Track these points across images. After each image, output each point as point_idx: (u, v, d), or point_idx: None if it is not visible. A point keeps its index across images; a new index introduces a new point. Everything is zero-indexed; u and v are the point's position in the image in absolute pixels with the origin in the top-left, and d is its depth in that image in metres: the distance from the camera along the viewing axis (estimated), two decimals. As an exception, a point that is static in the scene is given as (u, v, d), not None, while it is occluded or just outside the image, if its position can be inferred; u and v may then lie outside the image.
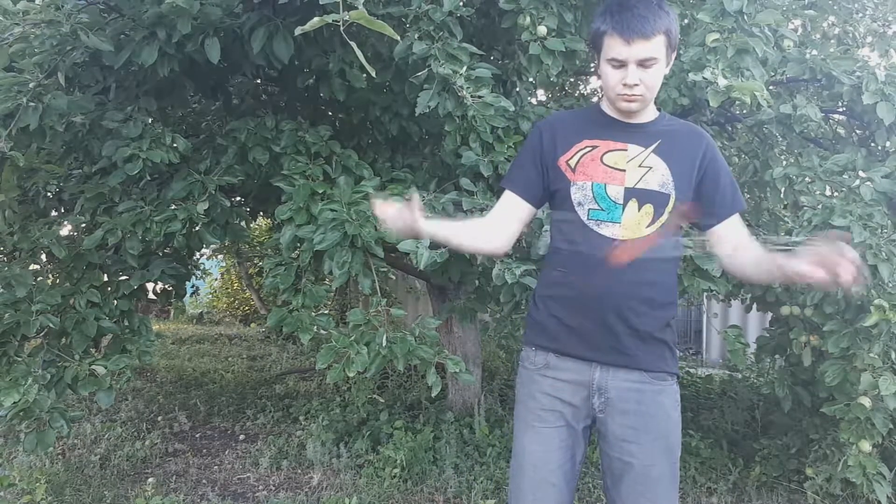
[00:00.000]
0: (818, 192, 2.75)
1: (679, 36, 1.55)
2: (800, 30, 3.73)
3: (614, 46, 1.46)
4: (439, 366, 2.50)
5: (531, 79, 3.44)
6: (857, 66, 2.81)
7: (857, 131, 3.35)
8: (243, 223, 3.33)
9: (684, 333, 7.66)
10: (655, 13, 1.45)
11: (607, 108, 1.61)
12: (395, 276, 6.46)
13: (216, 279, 10.43)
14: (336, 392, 4.92)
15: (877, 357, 2.55)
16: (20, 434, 2.61)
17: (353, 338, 2.44)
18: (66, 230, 3.19)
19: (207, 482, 3.48)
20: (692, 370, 5.71)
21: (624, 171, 1.53)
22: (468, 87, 2.40)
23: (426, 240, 2.45)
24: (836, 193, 2.79)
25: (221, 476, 3.58)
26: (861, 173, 2.69)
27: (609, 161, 1.54)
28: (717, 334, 6.45)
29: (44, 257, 3.10)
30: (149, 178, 3.00)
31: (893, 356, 2.60)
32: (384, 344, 2.40)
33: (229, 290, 10.37)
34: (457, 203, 2.74)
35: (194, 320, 10.06)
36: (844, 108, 3.09)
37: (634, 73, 1.46)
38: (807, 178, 2.81)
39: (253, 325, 9.39)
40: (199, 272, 7.32)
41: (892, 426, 2.60)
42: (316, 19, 1.23)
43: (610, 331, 1.51)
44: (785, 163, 3.12)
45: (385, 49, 2.92)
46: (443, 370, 2.54)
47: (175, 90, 3.11)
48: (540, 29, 2.56)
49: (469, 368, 3.25)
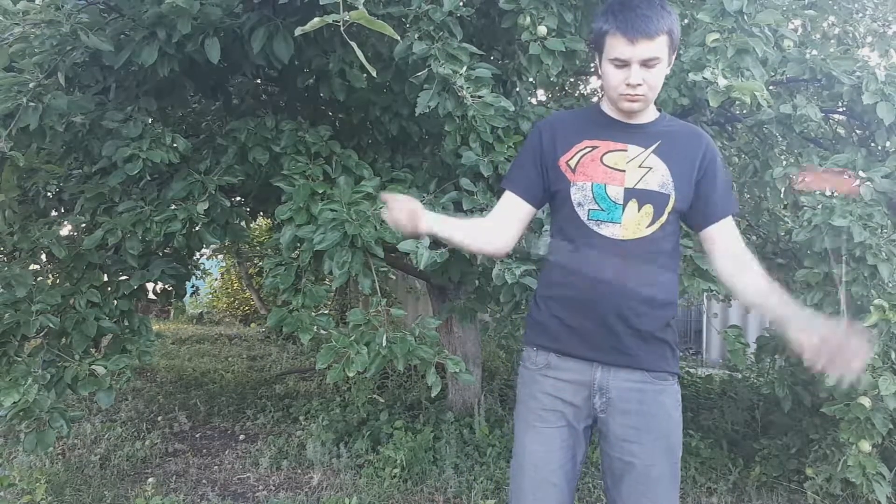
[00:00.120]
0: (818, 192, 2.75)
1: (680, 36, 1.55)
2: (800, 30, 3.73)
3: (617, 46, 1.45)
4: (439, 366, 2.50)
5: (531, 79, 3.44)
6: (857, 66, 2.81)
7: (857, 131, 3.35)
8: (243, 223, 3.33)
9: (684, 333, 7.66)
10: (658, 13, 1.44)
11: (608, 109, 1.60)
12: (395, 276, 6.47)
13: (216, 279, 10.43)
14: (336, 392, 4.92)
15: (877, 357, 2.55)
16: (20, 434, 2.60)
17: (353, 338, 2.44)
18: (66, 230, 3.19)
19: (207, 482, 3.48)
20: (692, 370, 5.72)
21: (624, 171, 1.53)
22: (468, 87, 2.40)
23: (426, 240, 2.46)
24: (836, 193, 2.79)
25: (221, 476, 3.58)
26: (861, 173, 2.69)
27: (609, 161, 1.54)
28: (717, 334, 6.46)
29: (44, 257, 3.10)
30: (149, 178, 3.00)
31: (893, 356, 2.60)
32: (384, 344, 2.40)
33: (229, 290, 10.38)
34: (457, 203, 2.74)
35: (194, 320, 10.07)
36: (844, 108, 3.09)
37: (638, 73, 1.46)
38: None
39: (253, 325, 9.39)
40: (199, 272, 7.32)
41: (891, 426, 2.60)
42: (316, 20, 1.23)
43: (611, 331, 1.51)
44: (785, 163, 3.12)
45: (385, 49, 2.92)
46: (443, 370, 2.54)
47: (175, 90, 3.11)
48: (540, 29, 2.56)
49: (469, 368, 3.25)
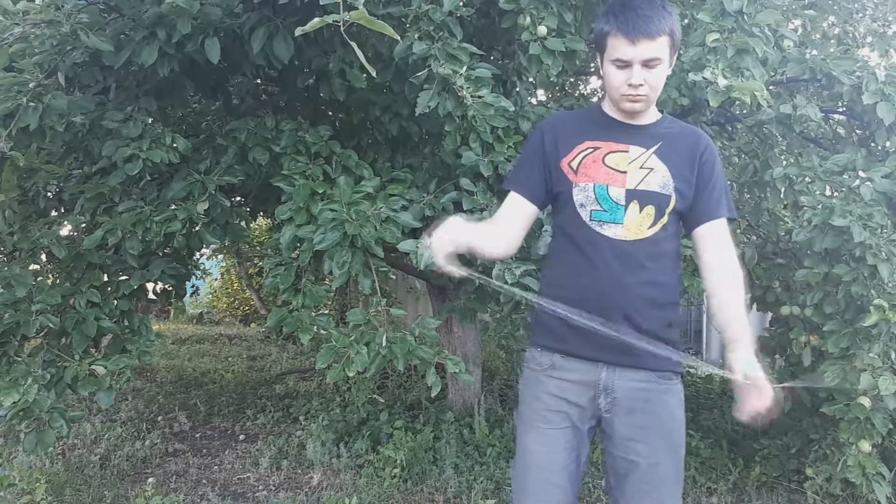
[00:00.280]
0: (818, 192, 2.75)
1: (681, 36, 1.55)
2: (800, 30, 3.73)
3: (619, 47, 1.46)
4: (439, 366, 2.50)
5: (531, 79, 3.44)
6: (857, 66, 2.81)
7: (857, 131, 3.35)
8: (243, 223, 3.33)
9: (684, 333, 7.66)
10: (659, 13, 1.45)
11: (609, 109, 1.60)
12: (395, 276, 6.46)
13: (216, 279, 10.44)
14: (336, 392, 4.92)
15: (877, 357, 2.55)
16: (20, 434, 2.61)
17: (353, 338, 2.44)
18: (66, 230, 3.19)
19: (207, 482, 3.48)
20: (692, 370, 5.71)
21: (625, 172, 1.53)
22: (468, 87, 2.40)
23: (426, 239, 2.45)
24: (836, 193, 2.79)
25: (221, 476, 3.58)
26: (861, 173, 2.69)
27: (610, 162, 1.54)
28: (718, 334, 6.46)
29: (44, 257, 3.10)
30: (149, 178, 3.00)
31: (893, 356, 2.60)
32: (384, 344, 2.40)
33: (229, 290, 10.38)
34: (457, 203, 2.74)
35: (194, 320, 10.07)
36: (844, 108, 3.09)
37: (639, 73, 1.46)
38: (807, 178, 2.81)
39: (253, 325, 9.39)
40: (199, 272, 7.32)
41: (891, 426, 2.60)
42: (316, 20, 1.23)
43: (615, 331, 1.51)
44: (785, 163, 3.12)
45: (385, 49, 2.92)
46: (443, 370, 2.54)
47: (175, 90, 3.11)
48: (540, 29, 2.56)
49: (469, 368, 3.25)
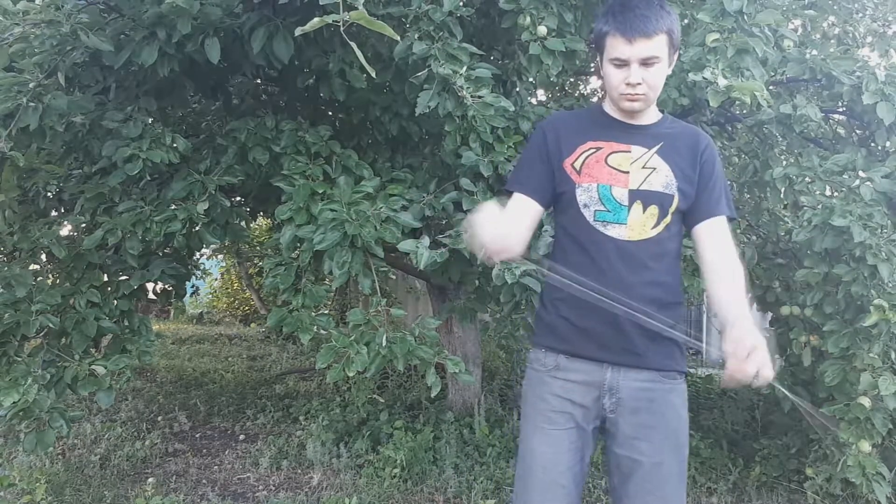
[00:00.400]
0: (818, 192, 2.75)
1: (680, 36, 1.55)
2: (800, 30, 3.73)
3: (617, 46, 1.47)
4: (439, 366, 2.50)
5: (531, 79, 3.44)
6: (857, 66, 2.81)
7: (857, 131, 3.35)
8: (243, 223, 3.33)
9: (684, 333, 7.64)
10: (657, 13, 1.46)
11: (609, 109, 1.61)
12: (395, 276, 6.46)
13: (216, 279, 10.44)
14: (336, 392, 4.92)
15: (876, 357, 2.56)
16: (20, 434, 2.61)
17: (353, 338, 2.44)
18: (66, 230, 3.19)
19: (207, 482, 3.48)
20: (692, 370, 5.71)
21: (627, 172, 1.53)
22: (468, 87, 2.40)
23: (426, 239, 2.45)
24: (836, 193, 2.80)
25: (221, 476, 3.58)
26: (861, 173, 2.69)
27: (613, 162, 1.54)
28: (718, 334, 6.46)
29: (44, 257, 3.10)
30: (149, 178, 3.00)
31: (893, 356, 2.60)
32: (384, 344, 2.40)
33: (229, 290, 10.38)
34: (457, 203, 2.74)
35: (194, 320, 10.07)
36: (844, 108, 3.09)
37: (637, 72, 1.47)
38: (807, 178, 2.82)
39: (253, 325, 9.39)
40: (199, 272, 7.32)
41: (891, 426, 2.60)
42: (316, 20, 1.22)
43: (620, 331, 1.51)
44: (785, 163, 3.12)
45: (385, 49, 2.92)
46: (443, 370, 2.54)
47: (175, 90, 3.11)
48: (540, 29, 2.56)
49: (469, 368, 3.25)
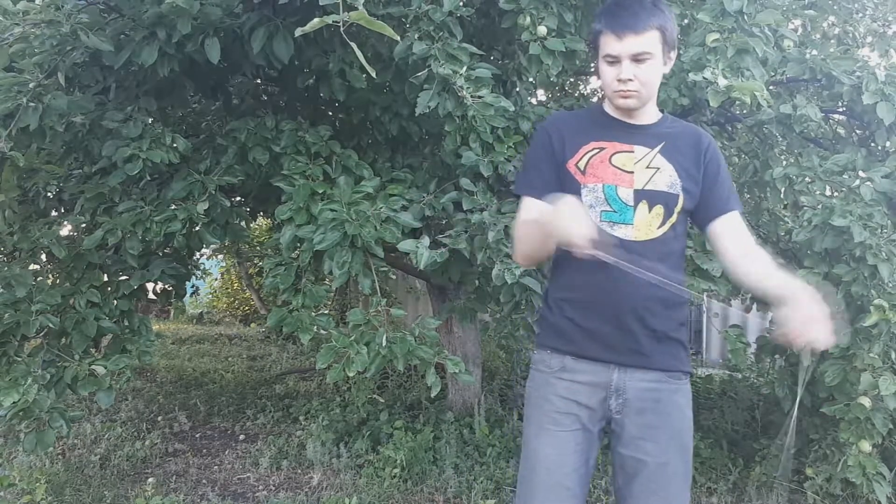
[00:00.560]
0: (818, 192, 2.75)
1: (678, 35, 1.55)
2: (800, 30, 3.73)
3: (608, 43, 1.49)
4: (439, 366, 2.50)
5: (531, 79, 3.44)
6: (857, 66, 2.81)
7: (857, 131, 3.35)
8: (243, 223, 3.33)
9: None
10: (648, 10, 1.47)
11: (609, 109, 1.61)
12: (395, 276, 6.46)
13: (216, 279, 10.43)
14: (336, 392, 4.92)
15: (877, 357, 2.55)
16: (20, 434, 2.61)
17: (353, 338, 2.44)
18: (66, 230, 3.19)
19: (207, 482, 3.48)
20: (692, 370, 5.71)
21: (632, 172, 1.53)
22: (468, 87, 2.40)
23: (426, 239, 2.45)
24: (836, 193, 2.80)
25: (221, 476, 3.58)
26: (861, 173, 2.69)
27: (617, 163, 1.54)
28: (718, 334, 6.45)
29: (44, 257, 3.10)
30: (149, 178, 3.00)
31: (893, 356, 2.60)
32: (384, 344, 2.40)
33: (229, 290, 10.37)
34: (457, 203, 2.74)
35: (194, 320, 10.06)
36: (844, 108, 3.09)
37: (628, 68, 1.48)
38: (807, 178, 2.82)
39: (253, 325, 9.39)
40: (199, 272, 7.31)
41: (891, 426, 2.60)
42: (316, 20, 1.22)
43: (627, 331, 1.51)
44: (785, 163, 3.12)
45: (385, 49, 2.92)
46: (443, 370, 2.54)
47: (175, 90, 3.11)
48: (540, 29, 2.56)
49: (469, 368, 3.25)
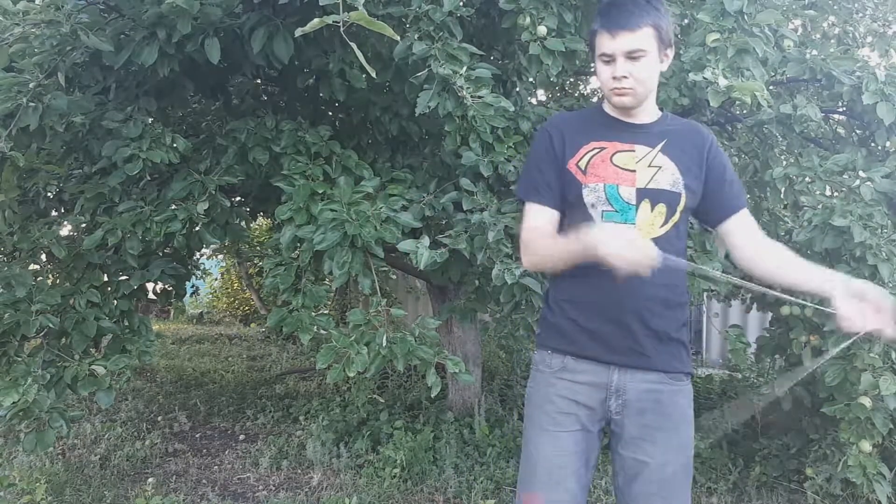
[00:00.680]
0: (818, 192, 2.75)
1: (674, 33, 1.56)
2: (800, 30, 3.74)
3: (603, 42, 1.50)
4: (439, 366, 2.50)
5: (531, 79, 3.44)
6: (857, 66, 2.81)
7: (857, 131, 3.34)
8: (243, 223, 3.33)
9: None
10: (642, 8, 1.48)
11: (609, 109, 1.61)
12: (395, 276, 6.47)
13: (216, 279, 10.43)
14: (336, 392, 4.92)
15: (877, 357, 2.55)
16: (20, 434, 2.61)
17: (353, 338, 2.44)
18: (66, 230, 3.19)
19: (207, 482, 3.48)
20: (693, 371, 5.71)
21: (634, 171, 1.53)
22: (468, 88, 2.40)
23: (426, 239, 2.45)
24: (836, 193, 2.80)
25: (221, 476, 3.58)
26: (861, 173, 2.69)
27: (619, 162, 1.54)
28: (718, 334, 6.45)
29: (44, 257, 3.10)
30: (149, 178, 3.00)
31: (894, 356, 2.60)
32: (384, 344, 2.40)
33: (229, 290, 10.37)
34: (457, 203, 2.74)
35: (194, 320, 10.07)
36: (844, 108, 3.09)
37: (623, 65, 1.48)
38: (807, 178, 2.82)
39: (253, 325, 9.39)
40: (199, 272, 7.32)
41: (892, 426, 2.60)
42: (316, 20, 1.22)
43: (628, 332, 1.51)
44: (785, 163, 3.12)
45: (385, 49, 2.91)
46: (443, 370, 2.54)
47: (175, 90, 3.11)
48: (540, 29, 2.56)
49: (469, 368, 3.25)
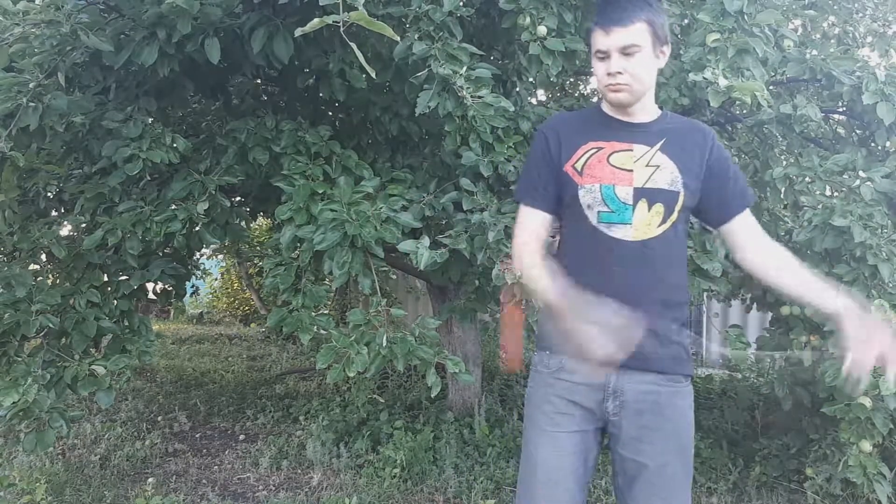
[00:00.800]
0: (818, 192, 2.75)
1: (674, 33, 1.56)
2: (800, 30, 3.73)
3: (598, 39, 1.51)
4: (439, 366, 2.50)
5: (531, 79, 3.44)
6: (857, 66, 2.81)
7: (857, 131, 3.34)
8: (243, 223, 3.32)
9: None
10: (636, 4, 1.49)
11: (607, 109, 1.61)
12: (395, 276, 6.46)
13: (216, 279, 10.43)
14: (336, 392, 4.92)
15: (877, 357, 2.55)
16: (20, 434, 2.61)
17: (353, 338, 2.44)
18: (66, 230, 3.19)
19: (207, 482, 3.48)
20: (693, 372, 5.71)
21: (631, 171, 1.53)
22: (468, 88, 2.40)
23: (426, 239, 2.45)
24: (836, 193, 2.80)
25: (221, 476, 3.58)
26: (861, 173, 2.68)
27: (616, 162, 1.54)
28: (718, 334, 6.45)
29: (44, 257, 3.10)
30: (149, 178, 3.00)
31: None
32: (384, 344, 2.40)
33: (229, 290, 10.37)
34: (457, 203, 2.74)
35: (194, 320, 10.07)
36: (844, 108, 3.09)
37: (617, 61, 1.49)
38: (807, 178, 2.82)
39: (253, 325, 9.39)
40: (199, 272, 7.32)
41: (892, 426, 2.60)
42: (316, 20, 1.22)
43: None
44: (785, 163, 3.12)
45: (385, 49, 2.91)
46: (443, 370, 2.54)
47: (175, 90, 3.10)
48: (540, 29, 2.56)
49: (469, 368, 3.25)
